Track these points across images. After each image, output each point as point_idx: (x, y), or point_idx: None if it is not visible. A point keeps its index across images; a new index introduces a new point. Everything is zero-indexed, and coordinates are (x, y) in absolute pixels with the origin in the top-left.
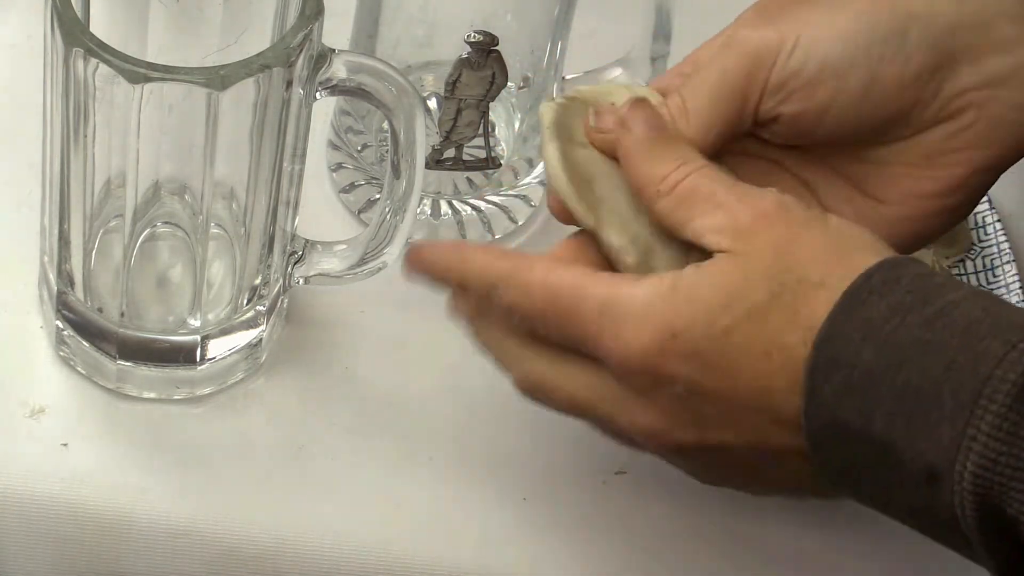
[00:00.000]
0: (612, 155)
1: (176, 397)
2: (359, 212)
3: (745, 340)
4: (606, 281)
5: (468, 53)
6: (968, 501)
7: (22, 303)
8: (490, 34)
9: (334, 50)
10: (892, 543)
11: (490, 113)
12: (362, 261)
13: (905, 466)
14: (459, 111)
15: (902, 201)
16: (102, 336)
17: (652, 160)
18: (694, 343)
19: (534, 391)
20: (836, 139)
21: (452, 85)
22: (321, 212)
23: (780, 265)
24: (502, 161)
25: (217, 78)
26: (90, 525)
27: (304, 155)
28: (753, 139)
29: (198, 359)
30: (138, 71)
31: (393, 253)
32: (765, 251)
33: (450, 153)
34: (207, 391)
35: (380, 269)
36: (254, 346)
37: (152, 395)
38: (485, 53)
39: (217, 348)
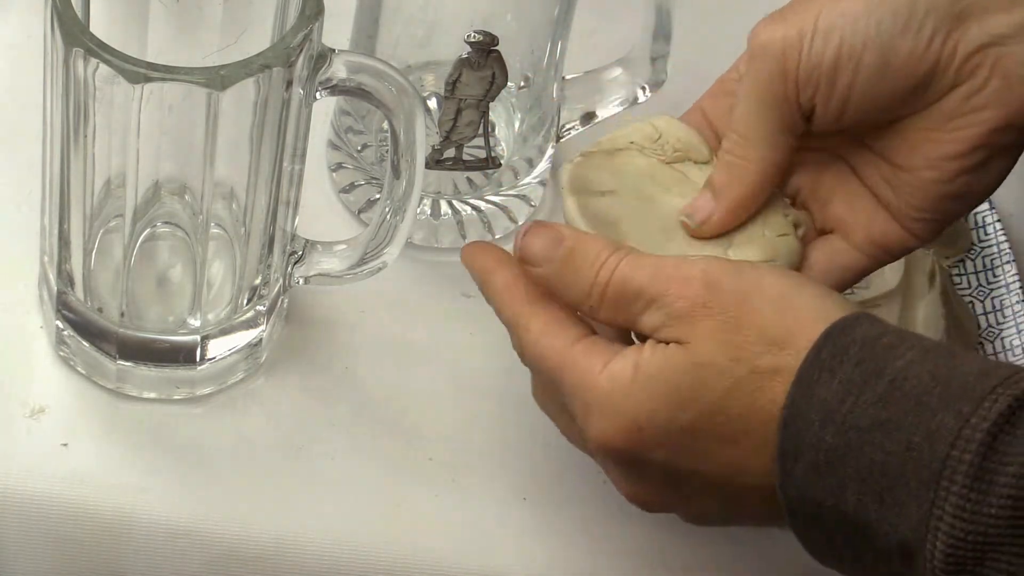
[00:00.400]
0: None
1: (176, 397)
2: (359, 212)
3: (708, 431)
4: (580, 365)
5: (468, 53)
6: None
7: (22, 303)
8: (490, 34)
9: (334, 50)
10: None
11: (490, 113)
12: (362, 261)
13: (880, 541)
14: (459, 111)
15: (929, 166)
16: (102, 336)
17: (568, 284)
18: (660, 434)
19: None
20: (864, 117)
21: (452, 85)
22: (321, 212)
23: (729, 356)
24: (502, 161)
25: (217, 78)
26: (90, 525)
27: (304, 155)
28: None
29: (198, 359)
30: (138, 71)
31: (393, 253)
32: (709, 342)
33: (450, 153)
34: (207, 391)
35: (380, 269)
36: (254, 346)
37: (152, 395)
38: (485, 53)
39: (217, 348)
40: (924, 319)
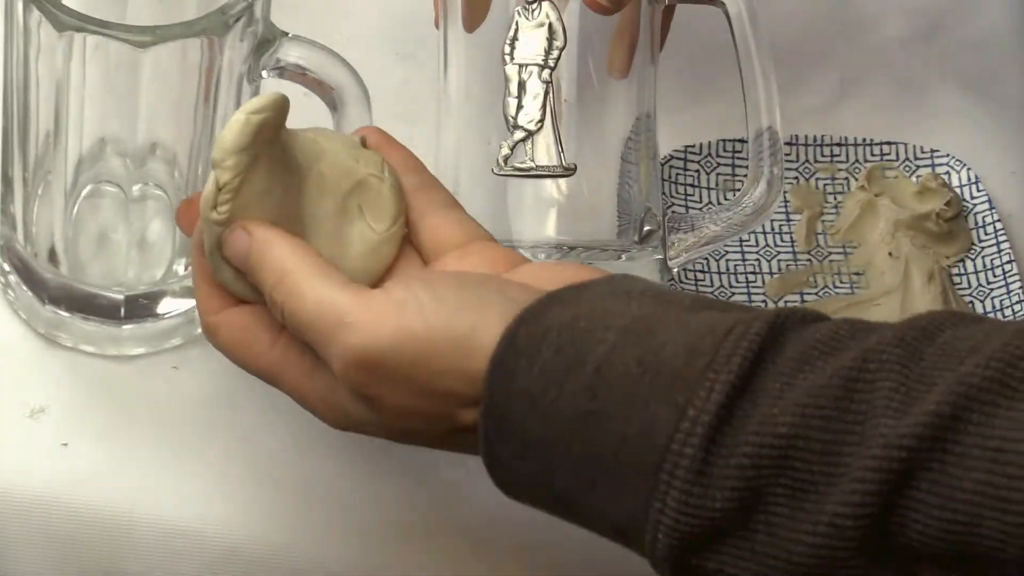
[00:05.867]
0: None
1: (110, 352)
2: None
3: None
4: (289, 374)
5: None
6: (664, 566)
7: None
8: None
9: (287, 34)
10: None
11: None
12: None
13: (592, 523)
14: (521, 84)
15: None
16: (35, 281)
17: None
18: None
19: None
20: None
21: (512, 43)
22: None
23: (424, 422)
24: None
25: (147, 36)
26: (90, 525)
27: None
28: None
29: (123, 315)
30: (66, 20)
31: None
32: (398, 418)
33: (525, 154)
34: (139, 351)
35: None
36: (192, 312)
37: (89, 349)
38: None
39: (150, 309)
40: None
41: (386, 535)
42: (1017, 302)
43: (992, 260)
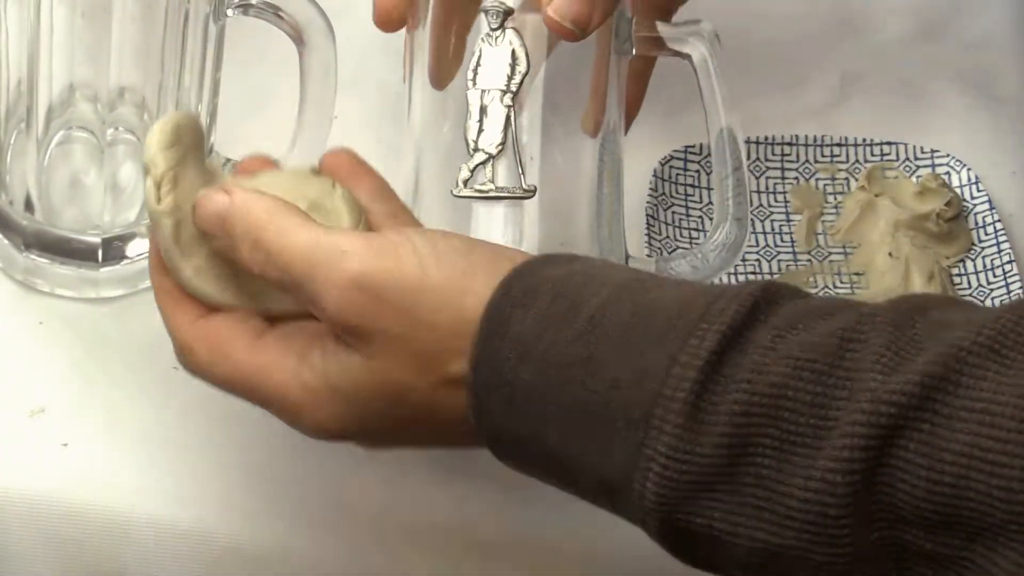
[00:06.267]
0: None
1: (88, 295)
2: None
3: (409, 433)
4: (272, 370)
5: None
6: (652, 517)
7: None
8: (504, 3)
9: None
10: None
11: (518, 117)
12: None
13: (582, 479)
14: (483, 108)
15: None
16: (11, 227)
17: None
18: (364, 426)
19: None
20: None
21: (475, 70)
22: None
23: (416, 369)
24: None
25: None
26: (90, 525)
27: (217, 70)
28: None
29: (100, 258)
30: None
31: None
32: (391, 358)
33: (486, 175)
34: (116, 293)
35: None
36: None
37: (67, 293)
38: (500, 20)
39: (124, 251)
40: None
41: (387, 535)
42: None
43: (992, 260)
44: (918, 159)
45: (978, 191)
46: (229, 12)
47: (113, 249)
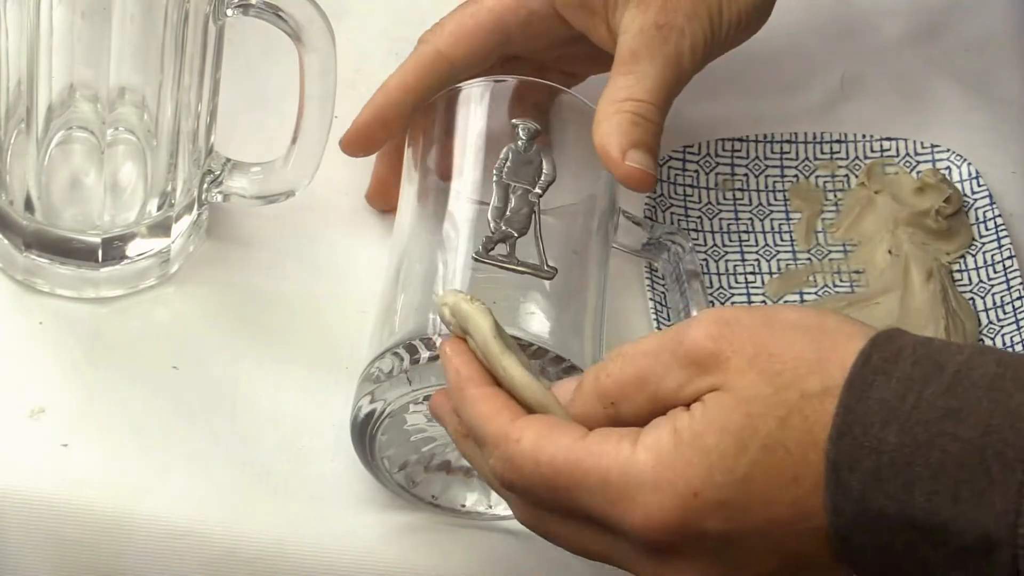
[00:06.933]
0: None
1: (87, 295)
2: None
3: (768, 473)
4: (604, 452)
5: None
6: None
7: None
8: (534, 123)
9: None
10: None
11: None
12: (272, 187)
13: (954, 541)
14: (508, 198)
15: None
16: (11, 227)
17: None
18: (718, 494)
19: (537, 529)
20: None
21: (500, 170)
22: None
23: (774, 384)
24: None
25: None
26: (90, 525)
27: (217, 70)
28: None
29: (100, 258)
30: None
31: (303, 183)
32: (748, 375)
33: (503, 250)
34: (116, 293)
35: (289, 196)
36: (164, 253)
37: (67, 293)
38: (530, 139)
39: (124, 251)
40: (922, 317)
41: (388, 535)
42: (1018, 298)
43: (993, 256)
44: (918, 154)
45: (979, 186)
46: (229, 12)
47: (113, 249)
